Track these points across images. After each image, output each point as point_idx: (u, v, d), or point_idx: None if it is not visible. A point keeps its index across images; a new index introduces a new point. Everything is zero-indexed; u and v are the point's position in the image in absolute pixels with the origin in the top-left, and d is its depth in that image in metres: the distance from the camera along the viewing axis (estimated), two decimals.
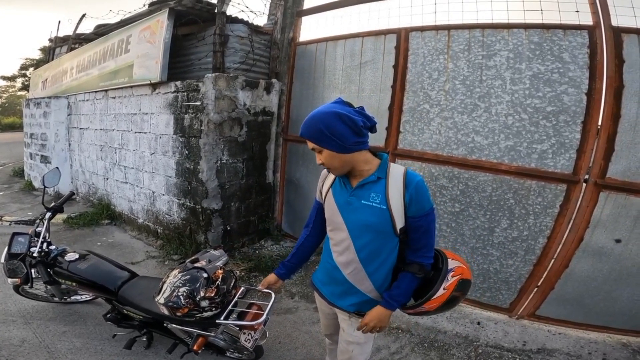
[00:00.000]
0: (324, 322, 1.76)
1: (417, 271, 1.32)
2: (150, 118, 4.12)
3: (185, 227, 3.90)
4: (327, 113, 1.22)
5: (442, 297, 1.33)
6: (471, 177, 2.85)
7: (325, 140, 1.23)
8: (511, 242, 2.76)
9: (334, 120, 1.20)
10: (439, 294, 1.32)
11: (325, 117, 1.22)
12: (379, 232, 1.30)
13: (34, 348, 2.35)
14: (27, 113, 6.88)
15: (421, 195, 1.26)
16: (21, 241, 2.23)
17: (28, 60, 26.49)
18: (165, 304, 1.66)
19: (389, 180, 1.28)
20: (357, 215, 1.31)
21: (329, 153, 1.25)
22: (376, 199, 1.28)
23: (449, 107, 2.91)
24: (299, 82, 4.03)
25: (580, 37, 2.45)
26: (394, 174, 1.29)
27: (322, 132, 1.22)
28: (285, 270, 1.65)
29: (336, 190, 1.40)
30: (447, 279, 1.33)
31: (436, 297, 1.32)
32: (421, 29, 3.05)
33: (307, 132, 1.27)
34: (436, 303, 1.34)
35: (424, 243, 1.32)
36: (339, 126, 1.20)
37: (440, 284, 1.32)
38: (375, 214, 1.28)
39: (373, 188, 1.30)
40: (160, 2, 4.02)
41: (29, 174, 6.97)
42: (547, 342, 2.60)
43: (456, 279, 1.34)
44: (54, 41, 7.44)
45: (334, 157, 1.26)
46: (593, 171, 2.46)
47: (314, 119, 1.24)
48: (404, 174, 1.28)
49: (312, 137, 1.26)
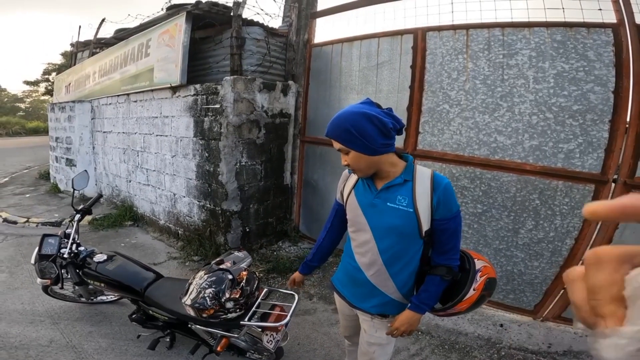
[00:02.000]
0: (343, 324, 1.75)
1: (444, 274, 1.29)
2: (171, 121, 4.20)
3: (205, 228, 3.96)
4: (356, 113, 1.18)
5: (472, 297, 1.31)
6: (494, 177, 2.80)
7: (353, 141, 1.19)
8: (536, 244, 2.70)
9: (363, 121, 1.17)
10: (470, 294, 1.31)
11: (354, 117, 1.18)
12: (404, 235, 1.28)
13: (61, 348, 2.41)
14: (52, 117, 7.11)
15: (449, 198, 1.23)
16: (51, 242, 2.28)
17: (50, 65, 27.35)
18: (191, 305, 1.69)
19: (415, 183, 1.25)
20: (383, 217, 1.29)
21: (355, 154, 1.22)
22: (403, 202, 1.25)
23: (469, 107, 2.87)
24: (315, 83, 4.04)
25: (604, 35, 2.39)
26: (421, 177, 1.26)
27: (349, 133, 1.18)
28: (308, 270, 1.73)
29: (359, 191, 1.37)
30: (476, 279, 1.32)
31: (467, 298, 1.31)
32: (438, 28, 3.02)
33: (333, 132, 1.23)
34: (467, 304, 1.32)
35: (451, 246, 1.29)
36: (367, 127, 1.17)
37: (470, 285, 1.31)
38: (402, 217, 1.25)
39: (399, 191, 1.27)
40: (177, 6, 4.10)
41: (55, 177, 7.19)
42: (574, 344, 2.53)
43: (484, 279, 1.32)
44: (75, 46, 7.67)
45: (360, 159, 1.23)
46: (622, 171, 2.39)
47: (342, 118, 1.20)
48: (431, 177, 1.25)
49: (339, 137, 1.22)
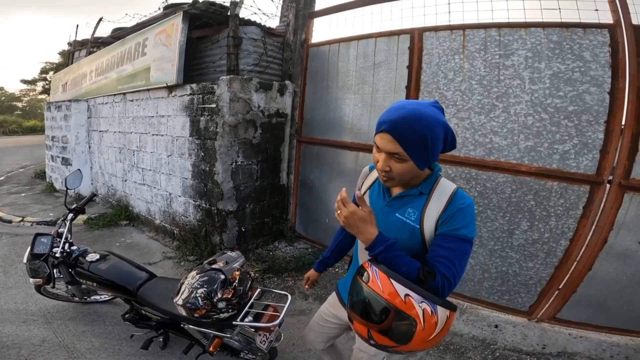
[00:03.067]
0: (314, 326, 1.66)
1: (422, 272, 1.00)
2: (167, 120, 4.19)
3: (200, 228, 3.95)
4: (438, 122, 0.98)
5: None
6: (489, 178, 2.80)
7: (420, 152, 0.99)
8: (531, 245, 2.70)
9: (441, 134, 0.99)
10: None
11: (435, 124, 0.97)
12: (407, 250, 1.09)
13: (53, 347, 2.39)
14: (48, 116, 7.08)
15: (462, 218, 1.04)
16: (44, 242, 2.26)
17: (48, 64, 27.21)
18: (183, 305, 1.68)
19: (431, 198, 1.10)
20: (389, 227, 1.14)
21: (409, 165, 1.02)
22: (412, 216, 1.11)
23: (465, 107, 2.86)
24: (312, 83, 4.03)
25: (600, 35, 2.39)
26: (441, 192, 1.10)
27: (424, 141, 0.97)
28: (323, 267, 1.70)
29: (373, 194, 1.26)
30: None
31: None
32: (435, 29, 3.01)
33: (402, 132, 0.97)
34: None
35: (445, 258, 1.02)
36: (441, 140, 1.00)
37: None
38: (407, 232, 1.11)
39: (412, 202, 1.12)
40: (174, 6, 4.09)
41: (50, 176, 7.16)
42: (568, 345, 2.53)
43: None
44: (73, 45, 7.65)
45: (411, 171, 1.04)
46: (617, 172, 2.39)
47: (421, 121, 0.96)
48: (451, 194, 1.08)
49: (407, 141, 0.97)
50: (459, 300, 3.02)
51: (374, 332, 0.99)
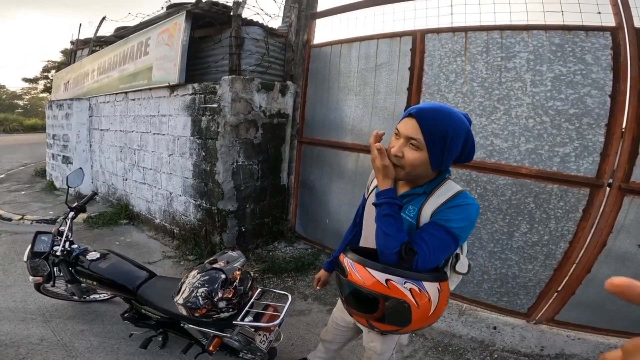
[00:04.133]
0: (330, 329, 1.71)
1: (405, 249, 1.01)
2: (169, 120, 4.19)
3: (200, 227, 3.95)
4: (464, 126, 1.02)
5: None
6: (490, 180, 2.80)
7: (437, 147, 1.01)
8: (531, 247, 2.70)
9: (462, 136, 1.02)
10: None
11: (459, 127, 1.01)
12: None
13: (52, 346, 2.39)
14: (49, 114, 7.09)
15: (455, 213, 1.04)
16: (44, 240, 2.27)
17: (50, 62, 27.25)
18: (184, 304, 1.68)
19: (431, 196, 1.11)
20: None
21: (424, 157, 1.03)
22: (411, 213, 1.13)
23: (467, 109, 2.86)
24: (313, 84, 4.04)
25: (602, 38, 2.39)
26: (443, 192, 1.11)
27: (444, 138, 1.00)
28: (327, 267, 1.73)
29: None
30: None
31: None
32: (437, 30, 3.02)
33: (428, 123, 1.00)
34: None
35: (424, 240, 1.03)
36: (460, 143, 1.03)
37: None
38: (406, 229, 1.12)
39: (413, 201, 1.14)
40: (177, 5, 4.10)
41: (51, 174, 7.16)
42: (566, 347, 2.53)
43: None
44: (75, 44, 7.66)
45: (423, 165, 1.05)
46: (617, 175, 2.39)
47: (447, 119, 1.01)
48: (454, 193, 1.09)
49: (430, 133, 1.00)
50: (458, 302, 3.02)
51: (372, 321, 1.02)
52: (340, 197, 3.86)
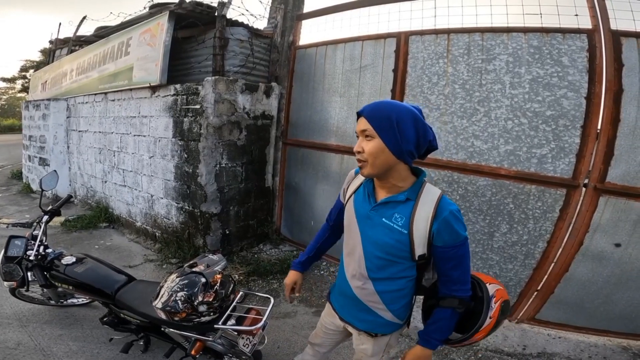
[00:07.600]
0: (318, 333, 1.68)
1: (457, 305, 1.18)
2: (150, 121, 4.11)
3: (183, 230, 3.89)
4: (406, 109, 1.11)
5: (489, 326, 1.22)
6: (470, 181, 2.84)
7: (386, 130, 1.09)
8: (511, 247, 2.75)
9: (408, 119, 1.09)
10: (486, 323, 1.21)
11: (402, 110, 1.10)
12: (393, 254, 1.19)
13: (29, 351, 2.32)
14: (26, 115, 6.88)
15: (452, 226, 1.12)
16: (18, 244, 2.20)
17: (28, 62, 26.56)
18: (162, 309, 1.64)
19: (418, 203, 1.15)
20: (375, 231, 1.21)
21: (379, 144, 1.10)
22: (398, 221, 1.16)
23: (448, 111, 2.91)
24: (298, 85, 4.03)
25: (579, 40, 2.46)
26: (427, 198, 1.15)
27: (389, 120, 1.09)
28: (305, 266, 1.66)
29: (358, 199, 1.29)
30: (491, 306, 1.21)
31: (484, 328, 1.22)
32: (421, 32, 3.05)
33: (371, 113, 1.12)
34: (484, 333, 1.23)
35: (459, 275, 1.18)
36: (409, 126, 1.09)
37: (486, 314, 1.21)
38: (394, 237, 1.16)
39: (398, 208, 1.17)
40: (160, 5, 4.03)
41: (27, 176, 6.95)
42: (547, 346, 2.58)
43: (499, 304, 1.23)
44: (54, 43, 7.44)
45: (381, 152, 1.11)
46: (592, 175, 2.46)
47: (389, 106, 1.11)
48: (437, 201, 1.14)
49: (375, 119, 1.11)
50: None
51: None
52: (325, 198, 3.86)
